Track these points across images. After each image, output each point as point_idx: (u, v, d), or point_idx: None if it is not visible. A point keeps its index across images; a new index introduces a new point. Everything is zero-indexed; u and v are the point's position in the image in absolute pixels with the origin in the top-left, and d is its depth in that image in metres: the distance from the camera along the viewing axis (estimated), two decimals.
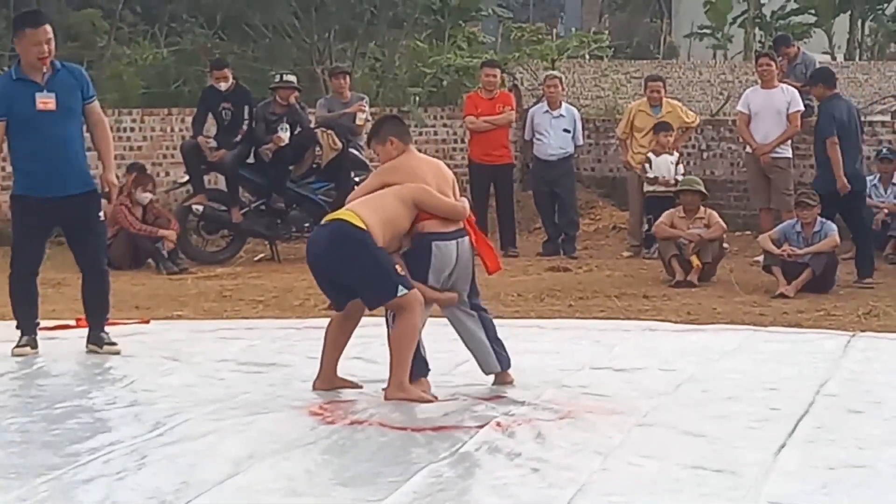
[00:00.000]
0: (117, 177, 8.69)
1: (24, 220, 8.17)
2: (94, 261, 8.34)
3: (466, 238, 7.06)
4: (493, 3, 22.13)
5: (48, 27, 8.08)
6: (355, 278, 6.85)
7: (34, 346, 8.23)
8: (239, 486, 5.29)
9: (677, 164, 13.73)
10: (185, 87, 17.38)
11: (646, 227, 13.75)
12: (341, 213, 6.91)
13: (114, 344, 8.29)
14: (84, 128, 8.28)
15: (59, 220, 8.26)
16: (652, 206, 13.51)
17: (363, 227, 6.76)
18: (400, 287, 6.75)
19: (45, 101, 8.02)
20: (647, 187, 13.76)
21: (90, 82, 8.32)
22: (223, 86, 13.64)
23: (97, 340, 8.29)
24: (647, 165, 13.70)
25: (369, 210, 6.85)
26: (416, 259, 6.93)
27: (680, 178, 13.32)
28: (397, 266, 6.82)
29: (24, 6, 16.54)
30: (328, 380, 7.13)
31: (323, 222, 7.06)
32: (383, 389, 6.92)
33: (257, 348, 8.50)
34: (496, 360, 7.17)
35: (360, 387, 7.13)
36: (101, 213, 8.38)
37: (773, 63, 13.59)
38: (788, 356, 8.12)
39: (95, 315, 8.38)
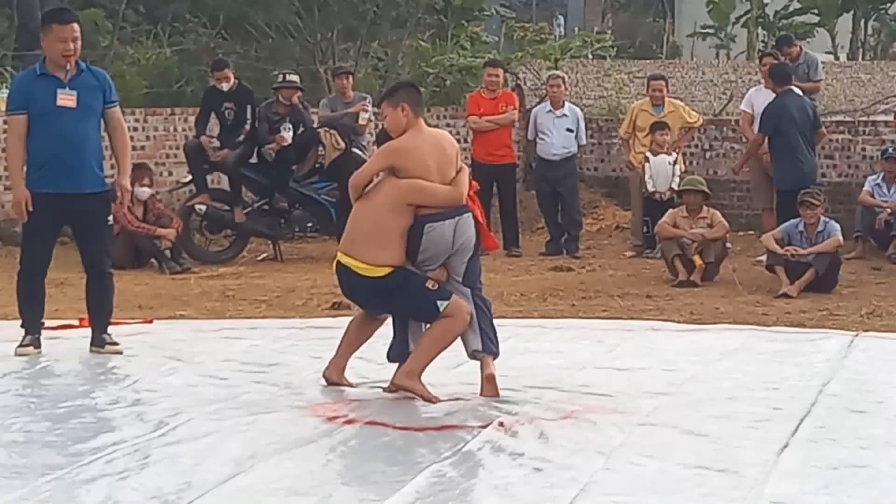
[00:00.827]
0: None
1: (33, 216, 8.17)
2: (98, 263, 8.34)
3: (467, 214, 6.91)
4: (495, 2, 22.18)
5: (76, 25, 8.11)
6: (399, 312, 6.98)
7: (37, 345, 8.22)
8: (241, 486, 5.29)
9: (674, 163, 13.72)
10: (188, 87, 17.40)
11: (645, 228, 13.76)
12: (368, 270, 6.81)
13: (116, 344, 8.29)
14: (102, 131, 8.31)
15: (69, 218, 8.25)
16: (650, 208, 13.52)
17: (388, 270, 6.77)
18: (439, 303, 6.76)
19: (66, 97, 8.03)
20: (644, 189, 13.79)
21: (113, 87, 8.33)
22: (225, 86, 13.65)
23: (99, 342, 8.30)
24: (646, 166, 13.70)
25: (390, 249, 6.78)
26: (408, 240, 6.86)
27: (677, 181, 13.34)
28: (428, 283, 6.80)
29: (27, 6, 16.58)
30: (337, 371, 7.14)
31: (348, 266, 6.88)
32: (384, 390, 6.93)
33: (260, 348, 8.50)
34: (479, 338, 6.93)
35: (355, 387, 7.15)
36: (111, 217, 8.38)
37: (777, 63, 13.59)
38: (791, 356, 8.11)
39: (98, 317, 8.38)
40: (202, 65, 17.44)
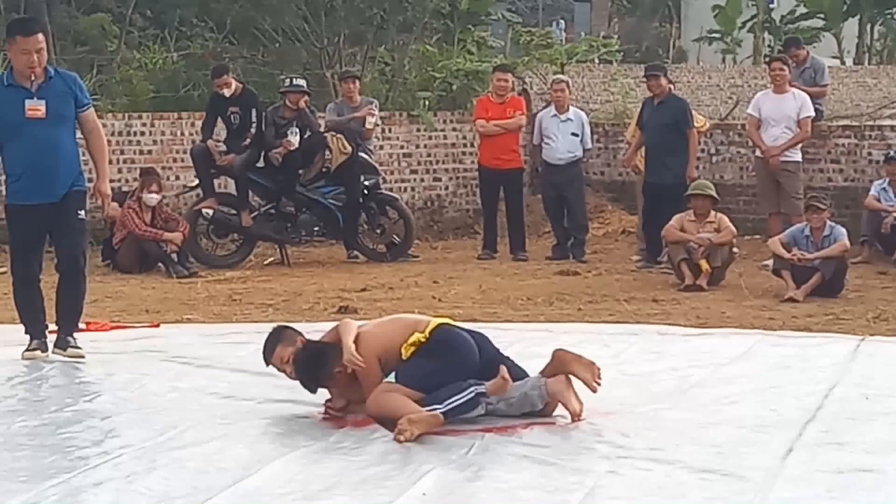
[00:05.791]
0: (128, 181, 8.64)
1: (17, 227, 8.14)
2: (71, 259, 8.14)
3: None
4: (502, 7, 22.15)
5: (40, 36, 7.98)
6: None
7: (44, 349, 8.20)
8: (248, 489, 5.30)
9: None
10: (195, 92, 17.42)
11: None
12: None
13: (79, 348, 8.14)
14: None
15: (50, 224, 8.15)
16: None
17: None
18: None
19: (34, 108, 7.94)
20: None
21: (85, 90, 8.25)
22: (227, 92, 13.67)
23: (63, 344, 8.13)
24: None
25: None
26: None
27: None
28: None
29: (32, 11, 16.57)
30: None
31: None
32: None
33: None
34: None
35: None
36: (82, 211, 8.17)
37: (786, 68, 13.60)
38: (797, 360, 8.10)
39: (67, 318, 8.20)
40: (209, 69, 17.47)
